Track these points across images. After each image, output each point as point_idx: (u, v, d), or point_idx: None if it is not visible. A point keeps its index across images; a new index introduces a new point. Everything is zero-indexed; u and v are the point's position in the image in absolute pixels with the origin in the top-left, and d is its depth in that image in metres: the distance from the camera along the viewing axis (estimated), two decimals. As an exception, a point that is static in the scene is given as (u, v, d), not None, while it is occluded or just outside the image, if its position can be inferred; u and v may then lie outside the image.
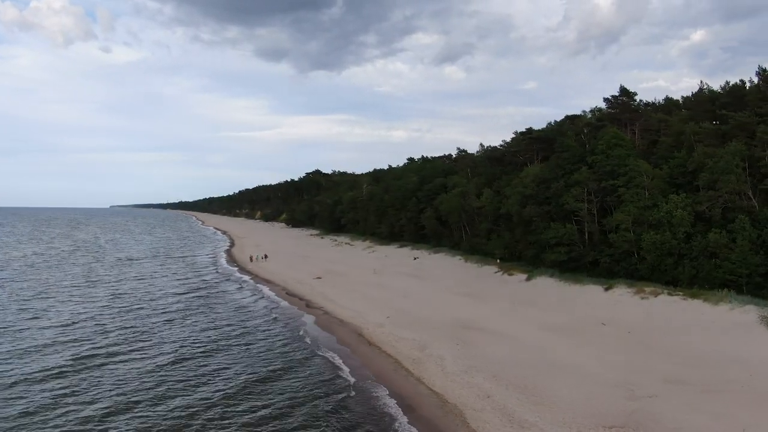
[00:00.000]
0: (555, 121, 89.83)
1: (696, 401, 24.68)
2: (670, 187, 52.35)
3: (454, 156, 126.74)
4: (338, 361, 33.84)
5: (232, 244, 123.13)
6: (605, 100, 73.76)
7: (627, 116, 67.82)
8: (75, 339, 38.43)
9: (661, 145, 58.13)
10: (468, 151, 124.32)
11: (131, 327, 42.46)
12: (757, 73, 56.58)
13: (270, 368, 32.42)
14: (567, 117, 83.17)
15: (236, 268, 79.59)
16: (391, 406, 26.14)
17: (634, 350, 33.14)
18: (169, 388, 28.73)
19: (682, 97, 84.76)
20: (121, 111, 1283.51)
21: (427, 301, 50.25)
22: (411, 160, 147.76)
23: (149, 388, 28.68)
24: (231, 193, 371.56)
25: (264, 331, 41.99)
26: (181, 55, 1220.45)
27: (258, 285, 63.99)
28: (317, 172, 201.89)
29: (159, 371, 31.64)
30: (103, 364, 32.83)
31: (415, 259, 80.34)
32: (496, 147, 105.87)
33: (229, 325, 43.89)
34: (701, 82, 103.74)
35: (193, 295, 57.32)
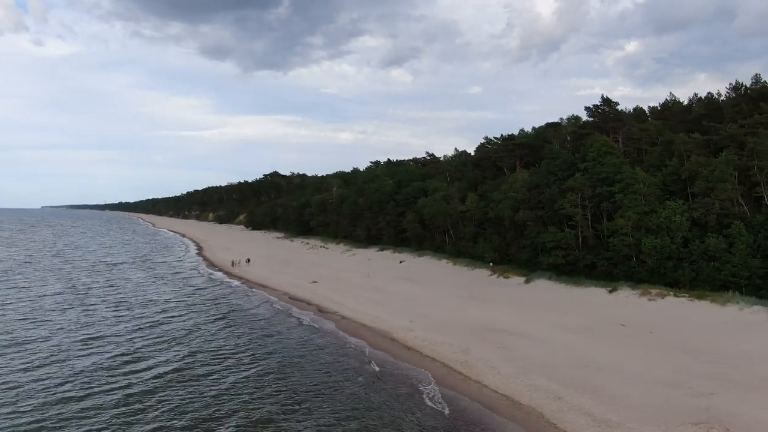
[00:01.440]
0: (533, 127, 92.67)
1: (750, 398, 26.42)
2: (664, 194, 55.23)
3: (424, 159, 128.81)
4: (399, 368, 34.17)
5: (200, 248, 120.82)
6: (586, 108, 76.91)
7: (611, 125, 70.76)
8: (132, 360, 35.84)
9: (652, 154, 61.04)
10: (436, 155, 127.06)
11: (172, 343, 40.13)
12: (753, 81, 60.15)
13: (335, 380, 32.07)
14: (548, 125, 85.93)
15: (222, 274, 78.46)
16: (478, 410, 26.87)
17: (663, 350, 34.94)
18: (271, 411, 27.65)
19: (649, 107, 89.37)
20: (54, 107, 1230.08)
21: (436, 305, 51.15)
22: (376, 163, 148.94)
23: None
24: (178, 194, 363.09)
25: (297, 339, 41.85)
26: (120, 51, 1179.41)
27: (257, 291, 63.28)
28: (275, 174, 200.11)
29: (246, 391, 30.44)
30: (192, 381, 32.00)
31: (401, 262, 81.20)
32: (468, 152, 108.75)
33: (266, 336, 42.89)
34: (670, 93, 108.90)
35: (203, 306, 55.20)
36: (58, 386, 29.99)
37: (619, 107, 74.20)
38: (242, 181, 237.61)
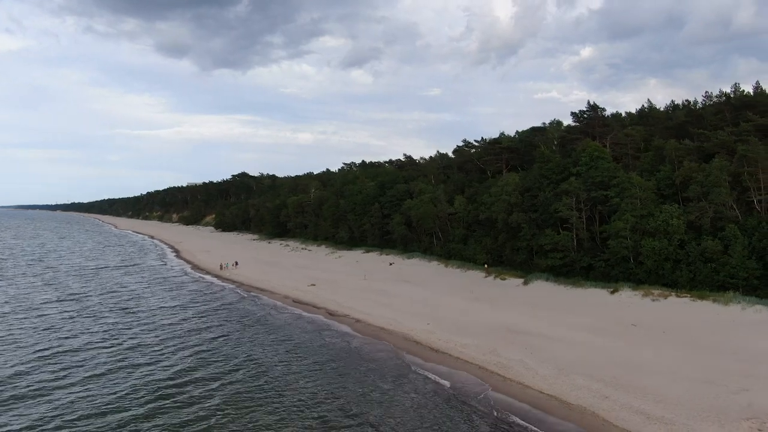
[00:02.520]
0: (517, 131, 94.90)
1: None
2: (658, 198, 57.55)
3: (399, 161, 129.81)
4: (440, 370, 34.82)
5: (177, 251, 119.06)
6: (572, 114, 79.15)
7: (598, 130, 73.03)
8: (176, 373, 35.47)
9: (644, 159, 63.38)
10: (414, 157, 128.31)
11: (216, 355, 39.53)
12: (754, 87, 63.59)
13: (381, 389, 32.53)
14: (533, 129, 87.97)
15: (213, 277, 77.81)
16: (529, 411, 27.83)
17: (682, 348, 36.62)
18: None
19: (627, 112, 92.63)
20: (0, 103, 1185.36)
21: (445, 307, 52.11)
22: (350, 164, 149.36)
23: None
24: (137, 194, 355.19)
25: (325, 346, 42.11)
26: (72, 46, 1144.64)
27: (262, 296, 62.89)
28: (245, 175, 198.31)
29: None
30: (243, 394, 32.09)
31: (390, 264, 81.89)
32: (448, 155, 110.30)
33: (297, 343, 42.96)
34: (648, 100, 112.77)
35: (212, 314, 54.42)
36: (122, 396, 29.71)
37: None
38: (208, 182, 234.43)
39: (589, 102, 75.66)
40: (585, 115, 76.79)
